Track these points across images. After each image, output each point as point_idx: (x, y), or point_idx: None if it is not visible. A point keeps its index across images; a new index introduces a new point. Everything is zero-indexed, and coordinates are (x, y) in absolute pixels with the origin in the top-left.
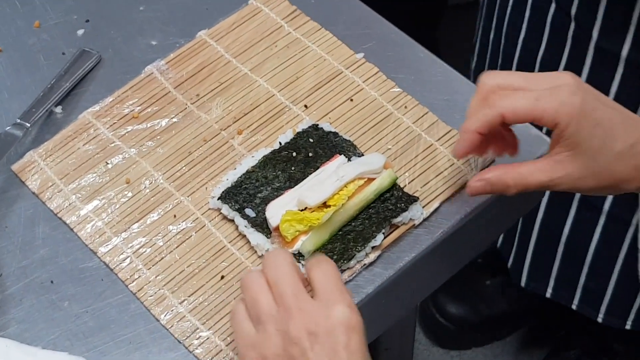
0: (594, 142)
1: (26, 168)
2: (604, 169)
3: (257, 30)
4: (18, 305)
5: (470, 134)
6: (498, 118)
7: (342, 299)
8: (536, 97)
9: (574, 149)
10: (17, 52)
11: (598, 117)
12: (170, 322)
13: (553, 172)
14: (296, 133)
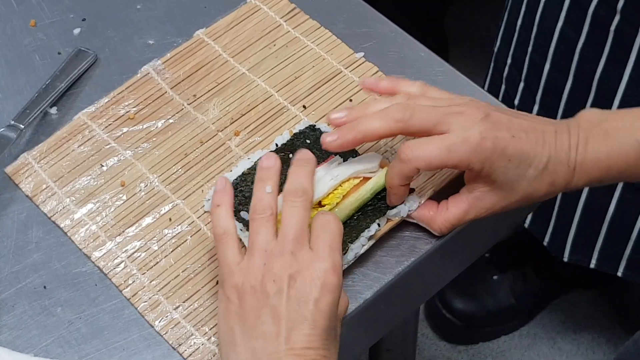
0: (509, 175)
1: (20, 170)
2: (522, 194)
3: (256, 29)
4: (10, 311)
5: (397, 189)
6: (414, 171)
7: (329, 258)
8: (448, 148)
9: (491, 184)
10: (12, 52)
11: (510, 152)
12: (164, 328)
13: (477, 210)
14: (293, 134)
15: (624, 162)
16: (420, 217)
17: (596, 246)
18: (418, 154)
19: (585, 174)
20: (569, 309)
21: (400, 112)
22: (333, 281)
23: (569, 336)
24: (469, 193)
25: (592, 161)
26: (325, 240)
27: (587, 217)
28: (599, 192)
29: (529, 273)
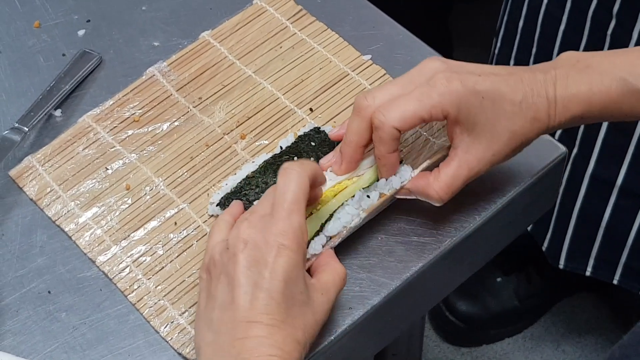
0: (488, 114)
1: (24, 174)
2: (507, 134)
3: (262, 31)
4: (14, 316)
5: (385, 159)
6: (394, 133)
7: (285, 219)
8: (418, 99)
9: (473, 130)
10: (16, 53)
11: (481, 89)
12: (170, 334)
13: (468, 164)
14: (297, 137)
15: (606, 96)
16: (415, 187)
17: (591, 254)
18: (390, 114)
19: (567, 109)
20: (573, 311)
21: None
22: (287, 243)
23: (573, 339)
24: (455, 149)
25: (573, 95)
26: (282, 198)
27: (582, 224)
28: (594, 199)
29: (533, 275)
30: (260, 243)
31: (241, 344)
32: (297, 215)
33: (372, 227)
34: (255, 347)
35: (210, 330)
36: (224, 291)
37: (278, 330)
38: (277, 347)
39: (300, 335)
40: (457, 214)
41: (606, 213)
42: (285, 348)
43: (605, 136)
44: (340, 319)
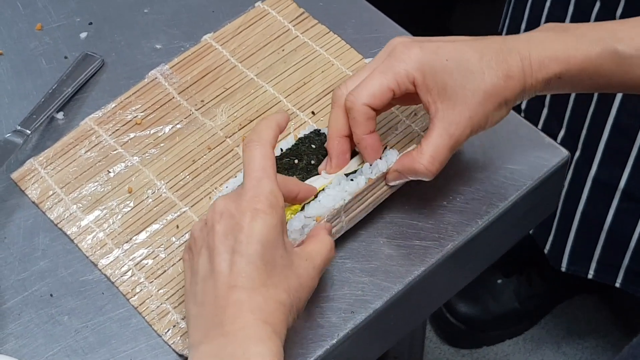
0: (455, 75)
1: (26, 176)
2: (482, 94)
3: (264, 34)
4: (16, 319)
5: (364, 141)
6: (367, 111)
7: (255, 186)
8: (382, 72)
9: (445, 95)
10: (18, 56)
11: (444, 52)
12: (172, 338)
13: (448, 131)
14: (297, 139)
15: (585, 56)
16: (402, 166)
17: (594, 257)
18: (358, 93)
19: (544, 67)
20: (574, 313)
21: None
22: (260, 207)
23: (574, 341)
24: (433, 120)
25: (550, 53)
26: (249, 172)
27: (584, 227)
28: (597, 202)
29: (534, 277)
30: (234, 211)
31: (223, 311)
32: (267, 181)
33: (375, 231)
34: (236, 312)
35: (195, 304)
36: (205, 263)
37: (258, 293)
38: (257, 309)
39: (284, 296)
40: (459, 218)
41: (608, 216)
42: (266, 309)
43: (608, 140)
44: (342, 322)
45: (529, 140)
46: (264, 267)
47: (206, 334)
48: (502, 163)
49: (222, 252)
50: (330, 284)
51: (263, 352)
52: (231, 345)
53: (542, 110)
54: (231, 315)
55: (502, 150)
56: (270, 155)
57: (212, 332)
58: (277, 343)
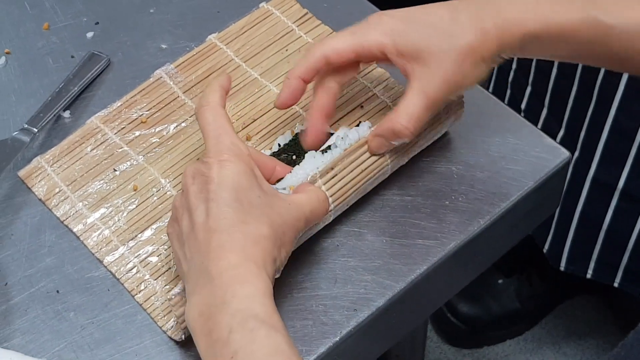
0: (427, 36)
1: (33, 174)
2: (453, 48)
3: (268, 34)
4: (23, 315)
5: (293, 80)
6: (322, 60)
7: (215, 144)
8: (352, 32)
9: (419, 57)
10: (25, 55)
11: (415, 16)
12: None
13: (424, 88)
14: (294, 134)
15: (565, 20)
16: (382, 129)
17: (592, 257)
18: (325, 43)
19: (522, 24)
20: (574, 313)
21: None
22: (225, 157)
23: (574, 341)
24: (409, 82)
25: (529, 10)
26: (206, 133)
27: (583, 227)
28: (596, 202)
29: (534, 277)
30: (203, 170)
31: (206, 257)
32: (225, 136)
33: (377, 230)
34: (218, 254)
35: (185, 261)
36: (186, 223)
37: (237, 231)
38: (239, 247)
39: (265, 229)
40: (461, 218)
41: (607, 216)
42: (248, 245)
43: (607, 140)
44: (345, 320)
45: (530, 140)
46: (240, 207)
47: (196, 283)
48: (504, 163)
49: (198, 205)
50: (333, 282)
51: (250, 293)
52: (218, 290)
53: (541, 110)
54: (214, 258)
55: (503, 150)
56: (223, 114)
57: (200, 281)
58: (264, 279)
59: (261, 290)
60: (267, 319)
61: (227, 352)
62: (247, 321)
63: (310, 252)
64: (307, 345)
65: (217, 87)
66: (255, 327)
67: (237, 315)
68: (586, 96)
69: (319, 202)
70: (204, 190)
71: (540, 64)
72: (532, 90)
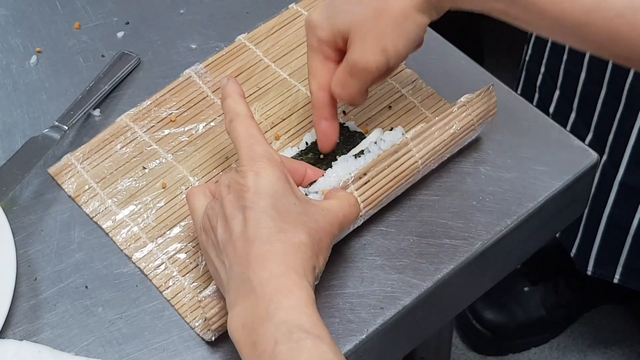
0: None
1: (63, 171)
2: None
3: (297, 35)
4: (52, 310)
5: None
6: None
7: (248, 153)
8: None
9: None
10: (56, 54)
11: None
12: (203, 329)
13: (347, 58)
14: None
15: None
16: None
17: (620, 261)
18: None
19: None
20: (600, 322)
21: None
22: (260, 165)
23: (600, 350)
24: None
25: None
26: (239, 144)
27: (610, 231)
28: (623, 206)
29: (560, 285)
30: (238, 179)
31: (247, 267)
32: (257, 145)
33: (405, 229)
34: (260, 264)
35: (225, 271)
36: (222, 232)
37: (277, 240)
38: (280, 256)
39: (304, 236)
40: (489, 218)
41: (634, 221)
42: (288, 254)
43: (635, 144)
44: (371, 318)
45: (558, 142)
46: (278, 215)
47: (238, 293)
48: (532, 164)
49: (235, 214)
50: (360, 281)
51: (294, 303)
52: (261, 302)
53: (570, 113)
54: (255, 269)
55: (531, 151)
56: (253, 124)
57: (242, 291)
58: (306, 288)
59: (304, 300)
60: (311, 329)
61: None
62: (293, 332)
63: (337, 251)
64: None
65: (237, 98)
66: (301, 338)
67: (281, 326)
68: (615, 100)
69: (351, 207)
70: (240, 199)
71: (569, 68)
72: (560, 93)
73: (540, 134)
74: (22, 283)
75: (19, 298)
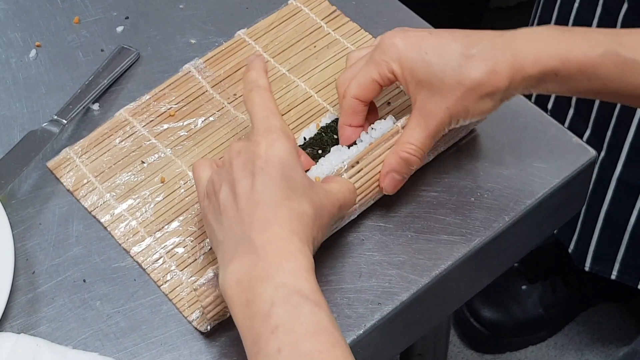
0: (433, 69)
1: (61, 165)
2: (458, 86)
3: (297, 30)
4: (50, 303)
5: (345, 129)
6: (355, 102)
7: (263, 124)
8: (367, 64)
9: (422, 86)
10: (55, 48)
11: (425, 45)
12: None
13: (426, 121)
14: (320, 128)
15: (584, 55)
16: (390, 166)
17: (617, 257)
18: (350, 87)
19: (540, 62)
20: (598, 321)
21: None
22: (275, 136)
23: (597, 348)
24: (414, 107)
25: (549, 48)
26: (254, 115)
27: (608, 227)
28: (621, 203)
29: (558, 284)
30: (250, 146)
31: (249, 227)
32: (274, 118)
33: (403, 225)
34: (263, 225)
35: (221, 231)
36: (226, 194)
37: (282, 206)
38: (284, 221)
39: (307, 207)
40: (487, 214)
41: (632, 217)
42: (292, 220)
43: (633, 140)
44: (369, 314)
45: (556, 139)
46: (286, 184)
47: (235, 251)
48: (530, 161)
49: (242, 178)
50: (358, 276)
51: (295, 268)
52: (262, 262)
53: (568, 109)
54: (259, 230)
55: (529, 148)
56: (271, 98)
57: (242, 248)
58: (307, 255)
59: (305, 266)
60: (311, 295)
61: (267, 325)
62: (291, 296)
63: (335, 246)
64: None
65: (261, 72)
66: (299, 302)
67: (280, 289)
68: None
69: (350, 192)
70: (249, 165)
71: None
72: None
73: (539, 131)
74: (20, 276)
75: (17, 291)
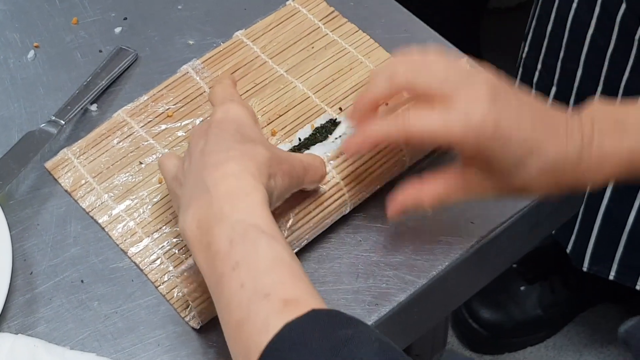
0: (505, 165)
1: (59, 166)
2: (519, 186)
3: (294, 31)
4: (47, 304)
5: (370, 132)
6: (402, 136)
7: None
8: (444, 121)
9: (485, 169)
10: (53, 49)
11: (513, 137)
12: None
13: (466, 192)
14: (314, 128)
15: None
16: (405, 198)
17: (615, 257)
18: (415, 121)
19: (602, 172)
20: (596, 322)
21: None
22: (229, 104)
23: (595, 349)
24: (461, 173)
25: (610, 156)
26: (217, 100)
27: (606, 227)
28: (619, 202)
29: (557, 285)
30: (207, 119)
31: (202, 171)
32: (231, 96)
33: (400, 226)
34: (216, 166)
35: (180, 188)
36: (187, 162)
37: (236, 150)
38: (237, 159)
39: (262, 149)
40: (485, 215)
41: (630, 217)
42: (246, 157)
43: None
44: (366, 314)
45: None
46: (241, 137)
47: (191, 197)
48: None
49: (199, 140)
50: (355, 277)
51: (249, 204)
52: (216, 202)
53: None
54: (210, 170)
55: None
56: (231, 85)
57: (196, 193)
58: (261, 190)
59: (258, 201)
60: (267, 229)
61: (227, 263)
62: (248, 232)
63: (332, 247)
64: None
65: (227, 77)
66: (256, 237)
67: (237, 226)
68: (611, 97)
69: (315, 159)
70: (205, 130)
71: (566, 65)
72: (557, 90)
73: None
74: (17, 277)
75: (15, 292)
